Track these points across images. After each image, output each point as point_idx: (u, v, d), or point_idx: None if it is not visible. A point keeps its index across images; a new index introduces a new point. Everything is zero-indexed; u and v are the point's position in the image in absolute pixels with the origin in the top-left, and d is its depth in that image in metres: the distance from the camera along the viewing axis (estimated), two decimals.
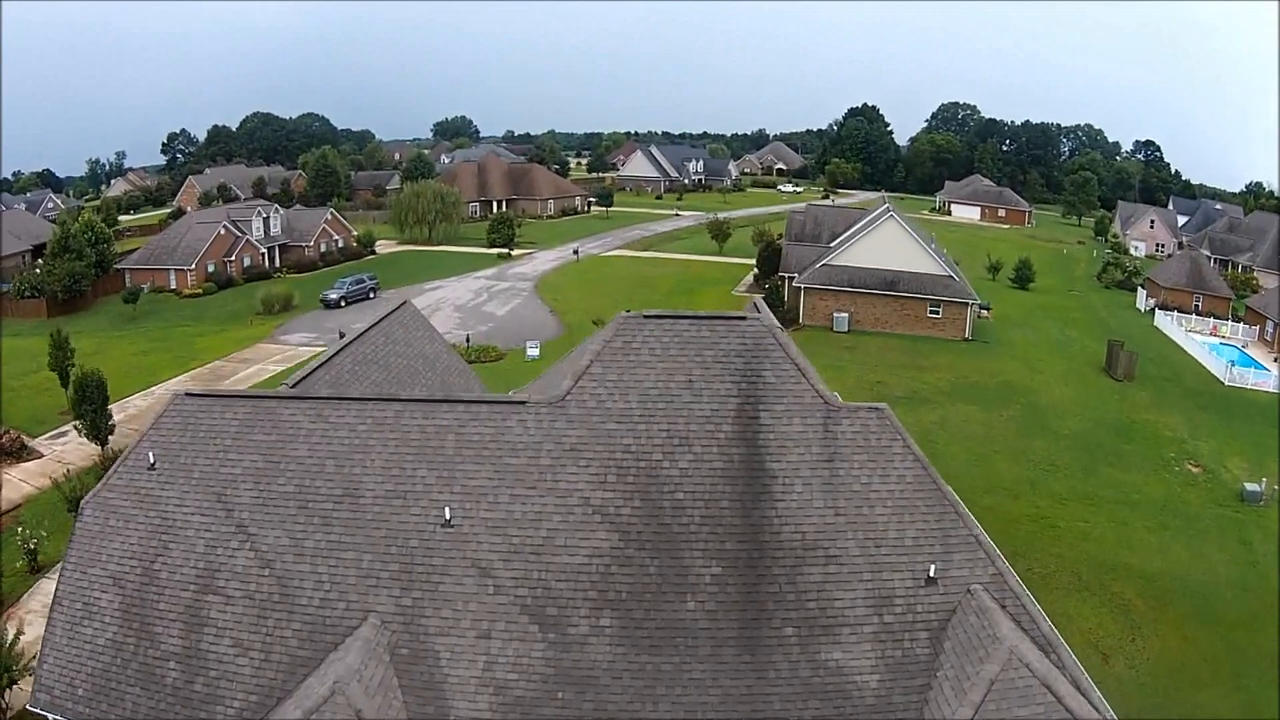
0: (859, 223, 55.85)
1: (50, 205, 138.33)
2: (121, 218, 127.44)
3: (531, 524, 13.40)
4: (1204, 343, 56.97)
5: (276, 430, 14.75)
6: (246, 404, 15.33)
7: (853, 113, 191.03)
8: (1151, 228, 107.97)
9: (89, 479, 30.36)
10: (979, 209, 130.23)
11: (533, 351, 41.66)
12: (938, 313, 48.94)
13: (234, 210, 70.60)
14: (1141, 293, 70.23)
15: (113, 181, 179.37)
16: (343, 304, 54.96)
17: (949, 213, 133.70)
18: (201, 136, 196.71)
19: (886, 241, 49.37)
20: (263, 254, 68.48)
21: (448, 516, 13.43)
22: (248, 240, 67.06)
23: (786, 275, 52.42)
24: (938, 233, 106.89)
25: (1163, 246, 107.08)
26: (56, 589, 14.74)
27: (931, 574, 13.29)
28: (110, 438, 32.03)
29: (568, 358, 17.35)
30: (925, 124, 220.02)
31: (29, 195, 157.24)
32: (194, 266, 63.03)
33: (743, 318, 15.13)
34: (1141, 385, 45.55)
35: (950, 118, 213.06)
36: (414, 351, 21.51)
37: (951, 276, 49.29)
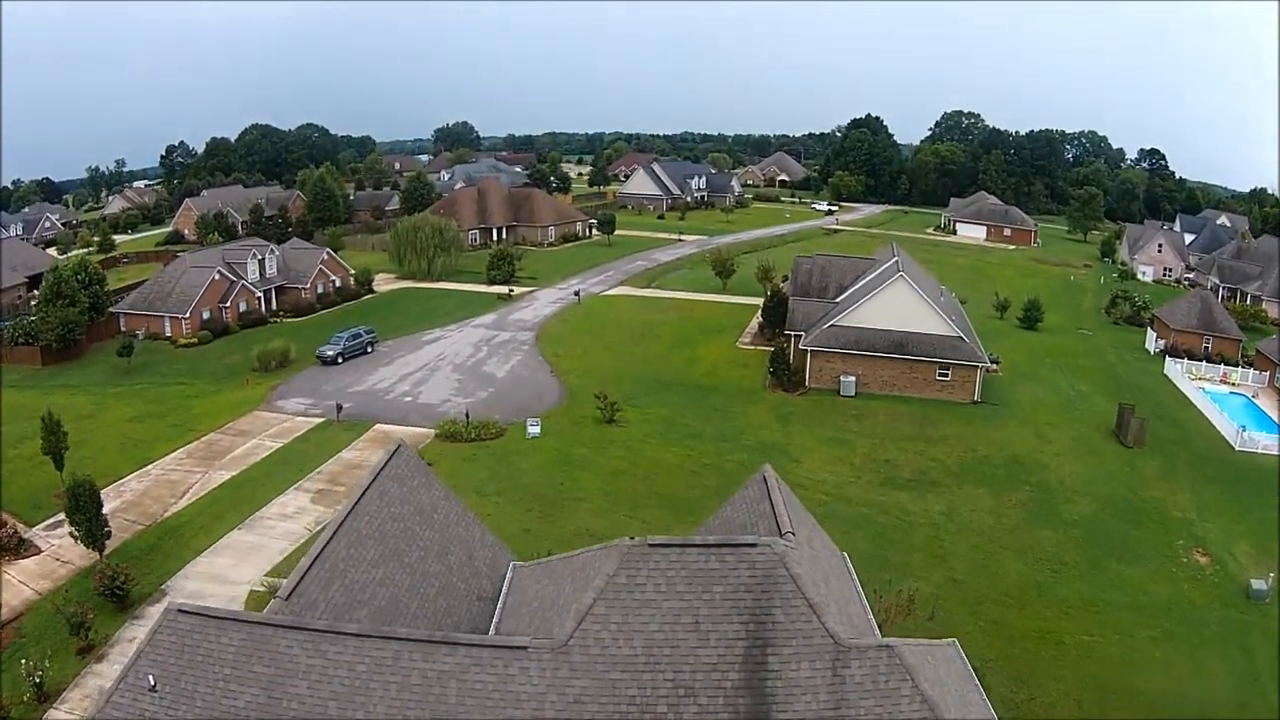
0: (867, 275, 55.17)
1: (47, 225, 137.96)
2: (119, 238, 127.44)
3: None
4: (1213, 393, 56.44)
5: (275, 663, 14.35)
6: (242, 630, 14.91)
7: (856, 124, 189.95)
8: (1159, 251, 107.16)
9: (86, 586, 30.10)
10: (984, 228, 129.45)
11: (533, 429, 41.17)
12: (946, 375, 48.38)
13: (229, 252, 69.83)
14: (1151, 334, 69.58)
15: (110, 198, 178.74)
16: (340, 360, 54.34)
17: (954, 231, 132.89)
18: (200, 148, 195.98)
19: (895, 301, 48.76)
20: (258, 298, 67.89)
21: None
22: (243, 285, 66.48)
23: (793, 333, 51.81)
24: (942, 256, 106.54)
25: (1170, 271, 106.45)
26: None
27: None
28: (107, 542, 31.77)
29: (571, 562, 16.80)
30: (929, 131, 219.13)
31: (26, 211, 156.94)
32: (189, 315, 62.46)
33: (753, 544, 14.65)
34: (1151, 452, 45.06)
35: (954, 126, 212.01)
36: (410, 509, 21.04)
37: (961, 337, 48.68)
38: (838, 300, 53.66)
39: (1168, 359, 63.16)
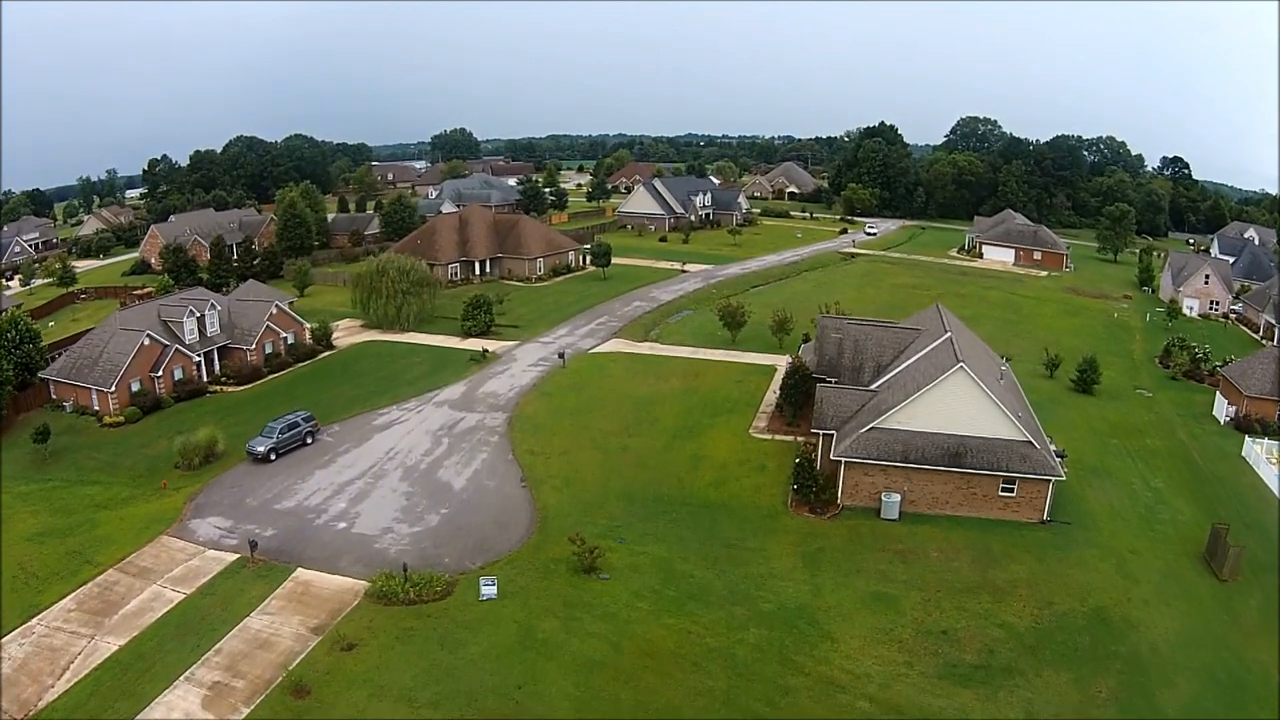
0: (912, 354, 45.63)
1: (17, 250, 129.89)
2: (89, 264, 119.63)
3: None
4: None
5: None
6: None
7: (869, 133, 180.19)
8: (1206, 283, 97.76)
9: None
10: (1013, 251, 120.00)
11: (488, 589, 32.18)
12: (1011, 490, 39.15)
13: (165, 307, 60.65)
14: (1221, 401, 60.33)
15: (86, 217, 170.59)
16: (273, 457, 45.46)
17: (980, 254, 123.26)
18: (186, 159, 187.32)
19: (953, 399, 39.29)
20: (197, 363, 58.87)
21: None
22: (178, 349, 57.64)
23: (821, 431, 42.52)
24: (973, 289, 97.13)
25: (1217, 304, 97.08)
26: None
27: None
28: None
29: None
30: (945, 138, 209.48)
31: (5, 230, 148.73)
32: (114, 388, 53.78)
33: None
34: (1248, 586, 36.45)
35: (970, 133, 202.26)
36: None
37: (1030, 442, 39.42)
38: (875, 388, 44.30)
39: (1246, 439, 54.08)
